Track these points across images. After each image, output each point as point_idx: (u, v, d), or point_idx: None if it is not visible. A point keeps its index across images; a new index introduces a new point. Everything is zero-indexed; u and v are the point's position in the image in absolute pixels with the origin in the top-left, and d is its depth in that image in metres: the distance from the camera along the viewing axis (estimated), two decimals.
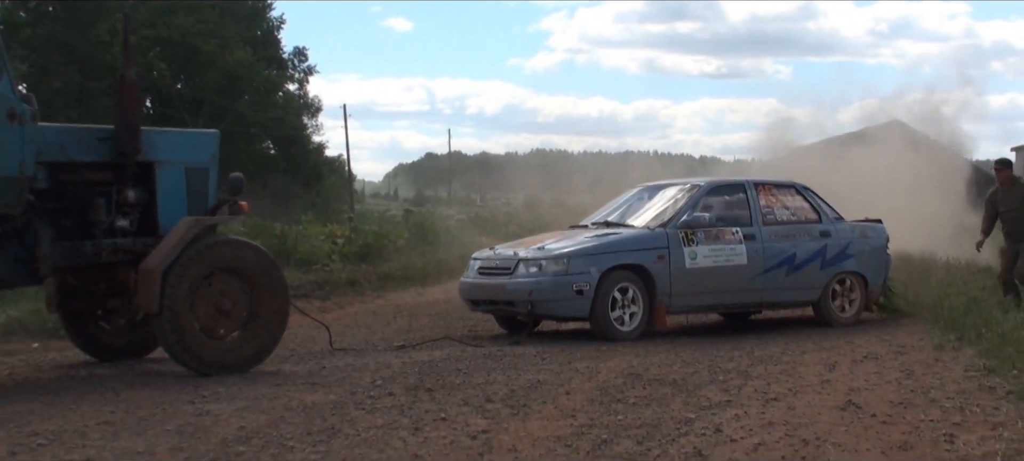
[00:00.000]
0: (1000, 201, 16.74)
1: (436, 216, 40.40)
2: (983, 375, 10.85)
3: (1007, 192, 16.66)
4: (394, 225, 31.24)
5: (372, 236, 27.14)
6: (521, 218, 46.54)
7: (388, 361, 12.31)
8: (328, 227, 28.21)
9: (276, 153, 68.59)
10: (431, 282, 23.80)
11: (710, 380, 10.79)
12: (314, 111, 71.57)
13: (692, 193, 15.39)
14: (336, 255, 24.33)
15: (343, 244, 25.51)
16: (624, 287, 14.24)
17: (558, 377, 10.96)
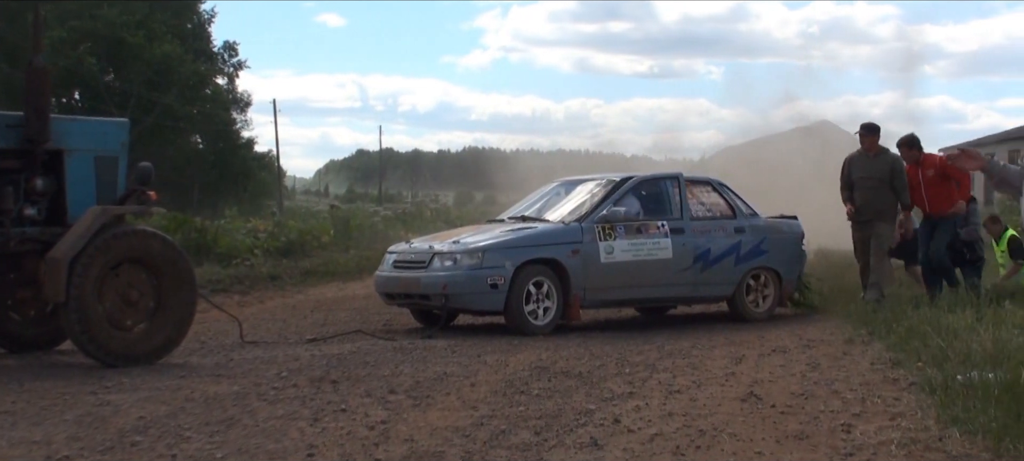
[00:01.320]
0: (858, 167, 16.06)
1: (362, 212, 40.29)
2: (888, 367, 10.93)
3: (870, 161, 15.96)
4: (319, 221, 31.08)
5: (295, 232, 27.03)
6: (450, 215, 46.51)
7: (297, 354, 12.27)
8: (250, 222, 28.06)
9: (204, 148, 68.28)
10: (353, 277, 23.72)
11: (616, 373, 10.82)
12: (243, 106, 71.29)
13: (608, 188, 15.41)
14: (258, 250, 24.21)
15: (265, 239, 25.39)
16: (539, 281, 14.25)
17: (465, 369, 10.96)
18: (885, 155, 15.98)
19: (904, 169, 15.76)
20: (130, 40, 59.34)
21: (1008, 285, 16.75)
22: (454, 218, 44.97)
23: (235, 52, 72.13)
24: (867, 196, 15.83)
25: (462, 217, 45.99)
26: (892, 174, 15.72)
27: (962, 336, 11.49)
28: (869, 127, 16.19)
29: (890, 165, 15.78)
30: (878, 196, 15.79)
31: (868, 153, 15.98)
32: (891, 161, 15.86)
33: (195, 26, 70.19)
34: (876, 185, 15.78)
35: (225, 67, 71.86)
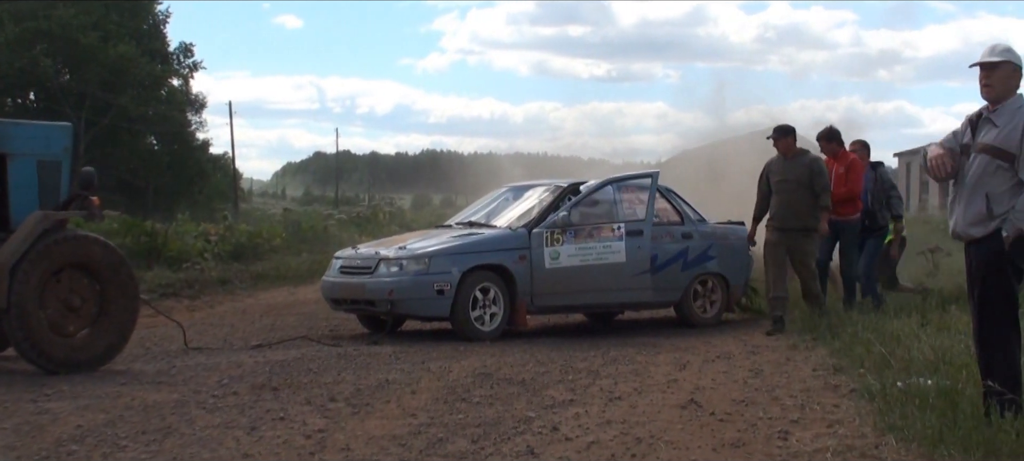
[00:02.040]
0: (775, 172, 15.14)
1: (316, 215, 40.17)
2: (830, 374, 11.00)
3: (786, 163, 15.02)
4: (272, 224, 30.99)
5: (246, 235, 26.94)
6: (405, 218, 46.48)
7: (240, 360, 12.22)
8: (201, 226, 27.95)
9: (160, 149, 67.98)
10: (304, 281, 23.62)
11: (559, 379, 10.82)
12: (199, 108, 71.00)
13: (556, 194, 15.41)
14: (209, 254, 24.12)
15: (216, 243, 25.30)
16: (485, 287, 14.24)
17: (408, 376, 10.94)
18: (803, 156, 15.09)
19: (824, 170, 15.10)
20: (85, 41, 59.01)
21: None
22: (409, 221, 44.97)
23: (191, 53, 71.85)
24: (785, 201, 14.94)
25: (418, 220, 45.96)
26: (811, 175, 14.85)
27: (905, 342, 11.56)
28: (782, 129, 15.28)
29: (808, 166, 14.92)
30: (797, 200, 14.84)
31: (785, 156, 15.12)
32: (809, 162, 15.01)
33: (150, 26, 69.86)
34: (794, 188, 14.85)
35: (181, 68, 71.56)
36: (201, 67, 73.21)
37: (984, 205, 7.74)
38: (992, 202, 7.71)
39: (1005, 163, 7.71)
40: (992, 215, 7.70)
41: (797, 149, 15.11)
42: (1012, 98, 7.87)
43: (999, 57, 7.90)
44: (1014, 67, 7.89)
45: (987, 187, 7.76)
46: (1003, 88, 7.88)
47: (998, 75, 7.88)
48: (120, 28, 62.69)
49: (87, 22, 60.09)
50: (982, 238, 7.80)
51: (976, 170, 7.85)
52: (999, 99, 7.88)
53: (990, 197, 7.73)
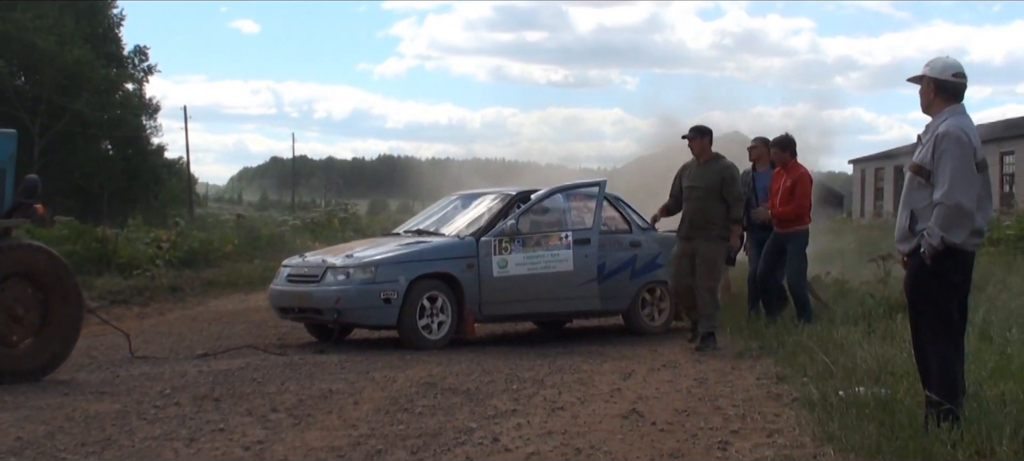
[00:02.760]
0: (687, 176, 14.33)
1: (270, 221, 40.03)
2: (774, 383, 11.05)
3: (699, 168, 14.21)
4: (225, 230, 30.85)
5: (198, 242, 26.81)
6: (360, 224, 46.27)
7: (185, 370, 12.17)
8: (153, 232, 27.79)
9: (114, 154, 67.71)
10: (256, 288, 23.48)
11: (503, 389, 10.84)
12: (153, 112, 70.75)
13: (505, 202, 15.43)
14: (160, 260, 23.97)
15: (168, 249, 25.15)
16: (433, 295, 14.24)
17: (352, 386, 10.92)
18: (716, 161, 14.17)
19: (738, 177, 14.32)
20: (42, 45, 58.72)
21: None
22: (364, 227, 44.77)
23: (145, 56, 71.67)
24: (694, 208, 14.13)
25: (373, 226, 45.84)
26: (723, 182, 14.01)
27: (849, 351, 11.62)
28: (697, 129, 14.33)
29: (720, 173, 14.04)
30: (705, 208, 14.00)
31: (698, 159, 14.28)
32: (722, 169, 14.10)
33: (105, 29, 69.59)
34: (703, 195, 14.02)
35: (135, 72, 71.31)
36: (156, 71, 72.93)
37: (908, 221, 7.92)
38: (915, 219, 7.88)
39: (924, 180, 7.84)
40: (914, 231, 7.87)
41: (712, 153, 14.28)
42: (936, 115, 7.97)
43: (922, 71, 8.07)
44: (928, 81, 8.00)
45: (911, 204, 7.95)
46: (925, 101, 8.05)
47: (921, 89, 8.08)
48: (75, 32, 62.42)
49: (43, 26, 59.81)
50: (909, 253, 8.00)
51: (905, 188, 8.07)
52: (926, 109, 8.04)
53: (914, 214, 7.91)
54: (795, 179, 15.26)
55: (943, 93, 7.97)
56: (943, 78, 7.98)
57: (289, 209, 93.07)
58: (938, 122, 7.87)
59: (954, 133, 7.75)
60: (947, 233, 7.66)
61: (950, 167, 7.67)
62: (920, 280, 7.90)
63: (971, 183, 7.72)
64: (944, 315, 7.88)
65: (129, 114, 67.76)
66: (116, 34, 71.30)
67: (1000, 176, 54.15)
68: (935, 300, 7.87)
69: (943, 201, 7.64)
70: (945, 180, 7.66)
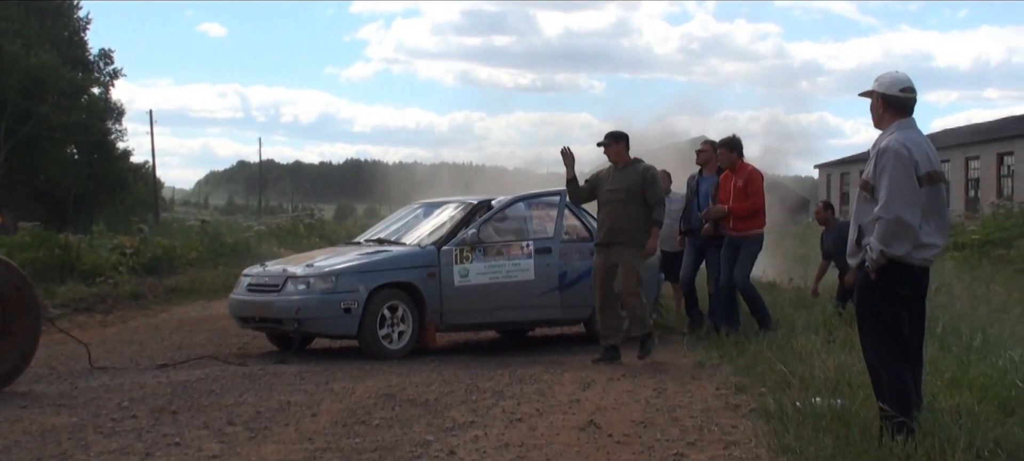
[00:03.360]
0: (605, 181, 13.96)
1: (235, 227, 39.85)
2: (732, 393, 11.06)
3: (618, 172, 13.85)
4: (188, 236, 30.73)
5: (161, 248, 26.69)
6: (326, 229, 46.23)
7: (144, 381, 12.12)
8: (116, 239, 27.66)
9: (80, 159, 67.42)
10: (219, 295, 23.39)
11: (462, 400, 10.82)
12: (119, 116, 70.48)
13: (466, 211, 15.42)
14: (123, 267, 23.88)
15: (131, 256, 25.05)
16: (393, 305, 14.22)
17: (310, 398, 10.89)
18: (635, 165, 13.84)
19: (659, 180, 14.03)
20: (7, 48, 58.45)
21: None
22: (330, 232, 44.78)
23: (111, 60, 71.44)
24: (613, 213, 13.72)
25: (339, 231, 45.80)
26: (645, 184, 13.67)
27: (808, 361, 11.67)
28: (612, 135, 13.98)
29: (641, 175, 13.72)
30: (627, 213, 13.62)
31: (617, 164, 13.92)
32: (643, 171, 13.78)
33: (71, 33, 69.33)
34: (624, 198, 13.63)
35: (101, 76, 71.06)
36: (121, 74, 72.74)
37: (856, 235, 8.05)
38: (862, 233, 7.99)
39: (869, 195, 7.92)
40: (860, 245, 7.98)
41: (630, 157, 13.94)
42: (886, 128, 8.03)
43: (871, 87, 8.15)
44: (878, 96, 8.08)
45: (859, 218, 8.06)
46: (875, 116, 8.13)
47: (871, 105, 8.17)
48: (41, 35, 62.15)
49: (8, 29, 59.55)
50: (856, 267, 8.16)
51: (855, 202, 8.21)
52: (876, 125, 8.13)
53: (861, 228, 8.00)
54: (745, 178, 15.18)
55: (891, 108, 8.02)
56: (891, 93, 8.02)
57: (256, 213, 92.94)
58: (884, 137, 7.94)
59: (894, 147, 7.79)
60: (887, 247, 7.70)
61: (888, 181, 7.73)
62: (866, 294, 7.99)
63: (911, 197, 7.74)
64: (891, 328, 7.92)
65: (95, 118, 67.47)
66: (82, 38, 71.06)
67: (965, 181, 54.46)
68: (881, 313, 7.92)
69: (882, 215, 7.70)
70: (884, 194, 7.73)
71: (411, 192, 54.61)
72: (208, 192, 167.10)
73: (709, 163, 15.84)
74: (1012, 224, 35.24)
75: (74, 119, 64.70)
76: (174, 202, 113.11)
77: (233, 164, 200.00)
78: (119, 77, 72.17)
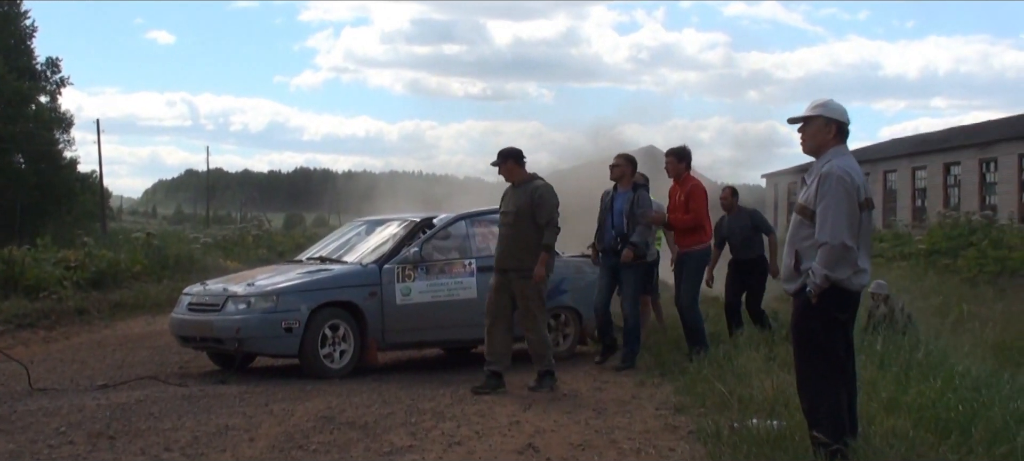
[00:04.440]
0: (503, 202, 13.31)
1: (180, 239, 39.60)
2: (672, 414, 11.08)
3: (511, 192, 13.17)
4: (132, 249, 30.48)
5: (106, 262, 26.49)
6: (274, 241, 45.99)
7: (83, 403, 12.00)
8: (61, 252, 27.44)
9: (26, 168, 66.88)
10: (163, 310, 23.18)
11: (402, 422, 10.79)
12: (66, 125, 69.98)
13: (409, 229, 15.39)
14: (67, 282, 23.69)
15: (76, 270, 24.86)
16: (335, 324, 14.18)
17: (249, 421, 10.82)
18: (529, 183, 13.03)
19: (549, 200, 12.92)
20: None
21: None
22: (277, 244, 44.55)
23: (58, 68, 70.94)
24: (506, 236, 13.03)
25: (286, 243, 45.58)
26: (534, 205, 12.85)
27: (747, 380, 11.70)
28: (504, 152, 13.23)
29: (530, 195, 12.90)
30: (519, 235, 12.87)
31: (513, 183, 13.19)
32: (532, 190, 12.95)
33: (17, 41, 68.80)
34: (514, 221, 12.88)
35: (47, 84, 70.56)
36: (68, 83, 72.23)
37: (793, 261, 7.97)
38: (800, 258, 7.92)
39: (808, 220, 7.89)
40: (799, 271, 7.92)
41: (525, 174, 13.21)
42: (824, 154, 7.98)
43: (811, 111, 8.02)
44: (825, 121, 7.98)
45: (796, 243, 7.99)
46: (815, 143, 8.02)
47: (809, 130, 8.04)
48: None
49: None
50: (794, 293, 8.04)
51: (791, 228, 8.13)
52: (816, 154, 8.04)
53: (799, 253, 7.96)
54: (688, 192, 14.80)
55: (840, 135, 8.03)
56: (843, 120, 8.04)
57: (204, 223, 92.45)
58: (823, 162, 7.92)
59: (838, 173, 7.80)
60: (831, 272, 7.72)
61: (834, 207, 7.73)
62: (805, 320, 7.95)
63: (854, 223, 7.79)
64: (829, 354, 7.94)
65: (42, 128, 66.98)
66: (29, 46, 70.53)
67: (912, 191, 54.85)
68: (819, 339, 7.91)
69: (828, 240, 7.69)
70: (828, 219, 7.72)
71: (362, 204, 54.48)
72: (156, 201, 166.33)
73: (623, 178, 14.91)
74: (958, 234, 35.55)
75: (20, 129, 64.21)
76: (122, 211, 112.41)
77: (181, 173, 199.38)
78: (66, 85, 71.62)
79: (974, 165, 49.47)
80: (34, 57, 70.50)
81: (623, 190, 14.86)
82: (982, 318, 23.35)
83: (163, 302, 23.93)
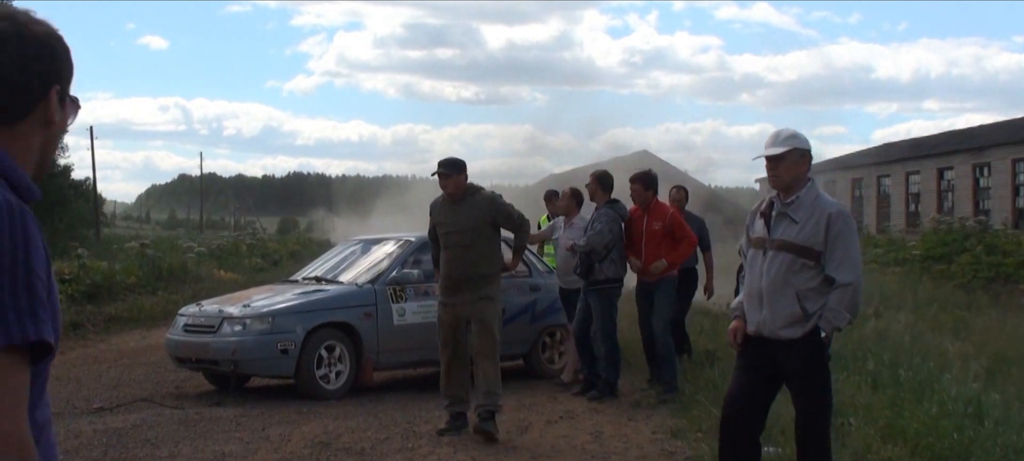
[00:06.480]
0: (442, 220, 11.76)
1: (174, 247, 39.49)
2: (668, 438, 11.09)
3: (456, 208, 11.60)
4: (127, 260, 30.45)
5: (100, 274, 26.44)
6: (268, 248, 45.98)
7: (80, 429, 12.01)
8: (55, 264, 27.36)
9: None
10: (158, 324, 23.23)
11: (399, 448, 10.81)
12: None
13: (403, 249, 15.39)
14: (62, 295, 23.63)
15: (70, 282, 24.82)
16: (331, 345, 14.17)
17: (245, 448, 10.84)
18: (477, 197, 11.63)
19: (506, 204, 11.81)
20: None
21: None
22: (271, 252, 44.56)
23: None
24: (458, 258, 11.55)
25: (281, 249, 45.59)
26: (497, 214, 11.63)
27: None
28: (451, 163, 11.70)
29: (483, 208, 11.58)
30: (476, 254, 11.51)
31: (452, 198, 11.69)
32: (483, 203, 11.63)
33: None
34: (470, 241, 11.47)
35: None
36: None
37: (796, 305, 7.42)
38: (804, 301, 7.41)
39: (810, 261, 7.41)
40: (807, 314, 7.40)
41: (469, 186, 11.72)
42: (805, 188, 7.51)
43: (784, 146, 7.50)
44: (801, 153, 7.54)
45: (795, 286, 7.44)
46: (791, 177, 7.50)
47: (785, 165, 7.49)
48: None
49: None
50: (800, 338, 7.45)
51: (780, 269, 7.50)
52: (790, 188, 7.53)
53: (801, 296, 7.42)
54: (666, 221, 13.69)
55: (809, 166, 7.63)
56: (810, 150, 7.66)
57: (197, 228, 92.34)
58: (809, 198, 7.49)
59: (845, 212, 7.64)
60: (854, 313, 7.50)
61: (852, 247, 7.43)
62: (818, 364, 7.51)
63: None
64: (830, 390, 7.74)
65: None
66: None
67: (906, 196, 54.89)
68: (828, 380, 7.62)
69: (852, 281, 7.33)
70: (849, 259, 7.37)
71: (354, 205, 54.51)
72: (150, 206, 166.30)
73: (595, 197, 14.16)
74: (952, 239, 35.54)
75: None
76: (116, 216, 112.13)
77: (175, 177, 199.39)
78: None
79: (967, 170, 49.50)
80: None
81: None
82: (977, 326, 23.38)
83: (158, 315, 23.94)
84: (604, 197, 14.03)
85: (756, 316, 7.58)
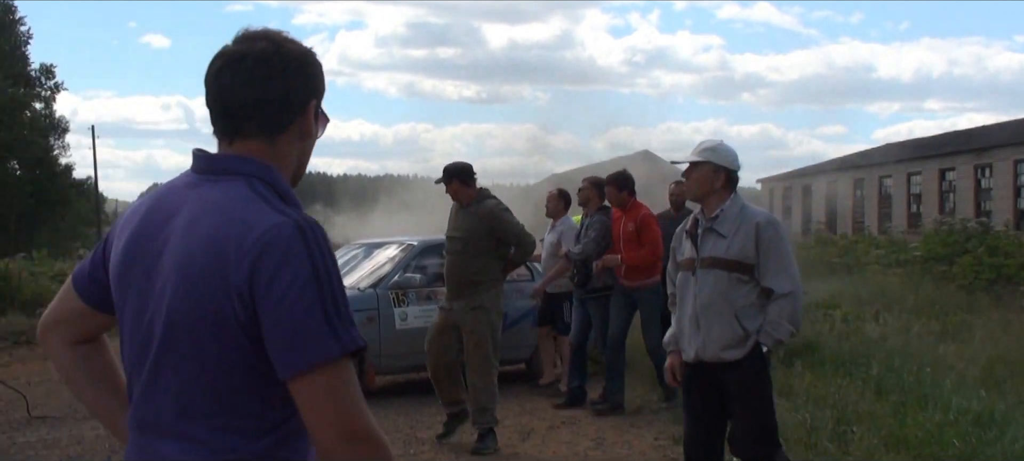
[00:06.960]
0: (449, 221, 11.66)
1: None
2: (671, 444, 11.05)
3: (459, 213, 11.47)
4: None
5: None
6: None
7: (82, 434, 12.00)
8: (57, 265, 27.45)
9: (22, 175, 66.84)
10: None
11: (401, 453, 10.82)
12: (61, 131, 69.99)
13: (405, 253, 15.37)
14: None
15: None
16: None
17: None
18: (481, 204, 11.33)
19: (508, 217, 11.33)
20: None
21: None
22: None
23: (52, 75, 70.86)
24: (453, 265, 11.43)
25: None
26: (495, 225, 11.27)
27: None
28: (444, 170, 11.56)
29: (481, 217, 11.30)
30: (468, 263, 11.28)
31: (459, 203, 11.51)
32: (486, 212, 11.30)
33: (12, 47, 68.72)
34: (463, 248, 11.29)
35: (42, 90, 70.52)
36: (63, 88, 72.15)
37: (736, 325, 7.11)
38: (743, 320, 7.10)
39: (744, 275, 7.10)
40: (747, 333, 7.09)
41: (473, 192, 11.47)
42: (728, 202, 7.23)
43: (699, 157, 7.28)
44: (714, 168, 7.24)
45: (733, 305, 7.13)
46: (701, 189, 7.24)
47: (696, 175, 7.29)
48: None
49: None
50: (743, 359, 7.13)
51: (714, 287, 7.18)
52: (703, 198, 7.29)
53: (739, 314, 7.11)
54: (638, 222, 13.30)
55: (731, 183, 7.30)
56: (732, 168, 7.33)
57: None
58: (734, 210, 7.20)
59: (774, 220, 7.35)
60: (796, 325, 7.15)
61: (788, 252, 7.16)
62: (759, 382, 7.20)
63: None
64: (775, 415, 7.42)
65: (37, 134, 66.96)
66: (24, 52, 70.47)
67: (907, 197, 54.92)
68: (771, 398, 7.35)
69: (790, 291, 7.04)
70: (784, 268, 7.08)
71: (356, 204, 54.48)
72: None
73: (589, 202, 13.95)
74: (954, 240, 35.51)
75: (16, 135, 64.15)
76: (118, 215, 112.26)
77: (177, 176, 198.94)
78: (61, 91, 71.56)
79: (969, 171, 49.54)
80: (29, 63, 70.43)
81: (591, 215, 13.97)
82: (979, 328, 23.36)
83: None
84: (598, 203, 13.87)
85: (694, 342, 7.26)
